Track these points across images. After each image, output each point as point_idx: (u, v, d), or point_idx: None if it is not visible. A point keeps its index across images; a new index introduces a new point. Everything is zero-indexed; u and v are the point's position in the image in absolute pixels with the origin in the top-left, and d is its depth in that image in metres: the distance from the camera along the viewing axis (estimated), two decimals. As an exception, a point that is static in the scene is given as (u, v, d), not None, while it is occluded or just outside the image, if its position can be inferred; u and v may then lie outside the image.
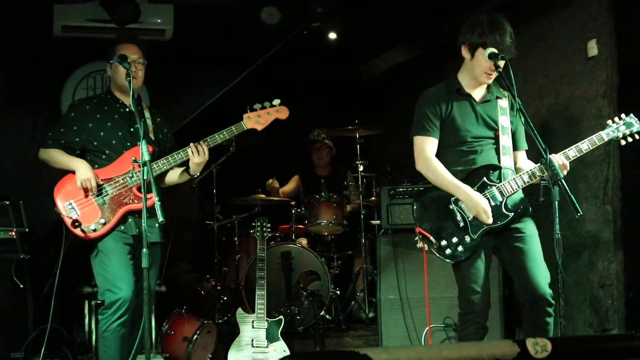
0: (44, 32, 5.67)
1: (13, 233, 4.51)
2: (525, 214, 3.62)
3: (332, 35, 6.76)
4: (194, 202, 6.84)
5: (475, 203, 3.52)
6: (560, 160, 3.48)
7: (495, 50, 3.50)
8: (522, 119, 3.46)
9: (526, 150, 3.83)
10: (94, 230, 3.84)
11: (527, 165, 3.73)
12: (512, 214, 3.56)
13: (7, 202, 4.56)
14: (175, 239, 5.82)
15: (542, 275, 3.52)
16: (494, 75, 3.62)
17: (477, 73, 3.63)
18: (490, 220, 3.51)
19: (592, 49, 4.64)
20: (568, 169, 3.50)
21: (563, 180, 3.22)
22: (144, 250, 3.42)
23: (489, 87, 3.74)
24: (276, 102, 4.07)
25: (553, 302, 3.49)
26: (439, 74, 3.84)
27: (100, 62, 6.15)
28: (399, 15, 6.16)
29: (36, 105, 5.98)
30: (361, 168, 6.12)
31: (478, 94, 3.72)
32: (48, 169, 4.04)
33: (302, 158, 7.02)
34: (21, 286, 4.51)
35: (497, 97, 3.74)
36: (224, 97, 6.49)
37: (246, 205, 6.20)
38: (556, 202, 3.19)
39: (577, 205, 3.22)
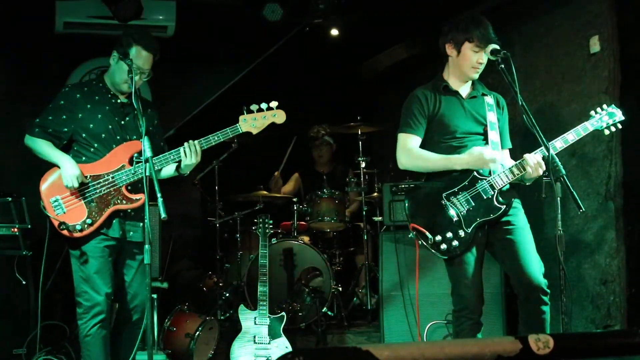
0: (46, 28, 5.67)
1: (15, 229, 4.52)
2: (515, 200, 3.64)
3: (334, 32, 6.76)
4: (196, 198, 6.84)
5: (476, 159, 3.55)
6: (535, 159, 3.49)
7: (497, 47, 3.54)
8: (525, 115, 3.46)
9: (510, 149, 3.87)
10: (80, 230, 3.72)
11: (512, 163, 3.74)
12: (505, 206, 3.58)
13: (10, 199, 4.56)
14: (177, 235, 5.83)
15: (535, 265, 3.54)
16: (481, 69, 3.68)
17: (465, 68, 3.69)
18: (499, 164, 3.54)
19: (594, 45, 4.63)
20: (543, 168, 3.48)
21: (565, 177, 3.23)
22: (146, 246, 3.41)
23: (473, 84, 3.79)
24: (273, 104, 3.84)
25: (548, 291, 3.52)
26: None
27: (103, 59, 6.17)
28: (400, 12, 6.15)
29: (38, 102, 5.96)
30: (363, 165, 6.12)
31: (464, 91, 3.78)
32: (50, 166, 4.02)
33: (302, 155, 7.02)
34: (23, 283, 4.52)
35: (483, 94, 3.79)
36: (226, 94, 6.49)
37: (248, 201, 6.20)
38: (558, 198, 3.20)
39: (579, 202, 3.22)
